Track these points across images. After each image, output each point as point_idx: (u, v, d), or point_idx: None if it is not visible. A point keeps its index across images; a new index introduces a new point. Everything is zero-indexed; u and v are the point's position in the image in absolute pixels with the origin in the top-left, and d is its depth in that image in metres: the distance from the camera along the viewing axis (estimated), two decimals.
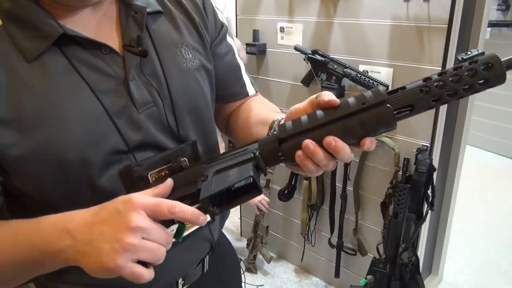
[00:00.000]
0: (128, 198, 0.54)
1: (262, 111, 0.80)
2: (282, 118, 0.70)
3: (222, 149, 2.00)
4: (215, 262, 0.86)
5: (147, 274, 0.53)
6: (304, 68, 1.93)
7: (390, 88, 1.68)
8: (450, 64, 1.57)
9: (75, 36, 0.60)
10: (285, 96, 2.12)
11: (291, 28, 1.99)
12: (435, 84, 0.52)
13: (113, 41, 0.65)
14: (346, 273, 2.16)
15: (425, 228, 1.92)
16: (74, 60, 0.60)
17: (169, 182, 0.61)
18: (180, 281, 0.79)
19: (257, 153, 0.59)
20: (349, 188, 1.99)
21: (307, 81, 1.94)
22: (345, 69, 1.76)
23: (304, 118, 0.57)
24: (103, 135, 0.61)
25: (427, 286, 2.01)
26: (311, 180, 2.11)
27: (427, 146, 1.68)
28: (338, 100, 0.56)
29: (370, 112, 0.54)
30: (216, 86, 0.80)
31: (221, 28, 0.82)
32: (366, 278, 1.83)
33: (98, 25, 0.65)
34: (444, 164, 1.98)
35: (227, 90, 0.85)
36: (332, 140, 0.54)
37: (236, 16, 2.21)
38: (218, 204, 0.59)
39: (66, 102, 0.59)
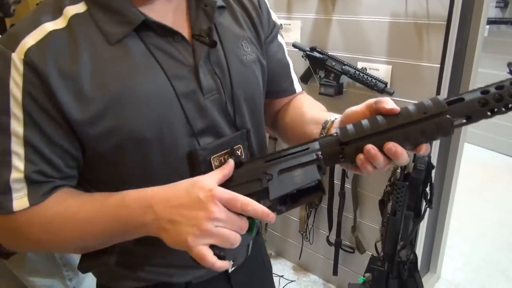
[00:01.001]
0: (209, 188, 0.59)
1: (312, 111, 0.83)
2: (336, 119, 0.74)
3: None
4: (255, 245, 0.92)
5: (218, 262, 0.59)
6: (302, 65, 1.92)
7: (388, 85, 1.68)
8: (449, 62, 1.57)
9: (155, 23, 0.64)
10: None
11: (289, 25, 1.98)
12: (492, 98, 0.55)
13: (184, 30, 0.69)
14: (344, 271, 2.16)
15: (423, 226, 1.92)
16: (150, 45, 0.65)
17: (231, 162, 0.66)
18: (231, 262, 0.83)
19: (320, 155, 0.62)
20: (347, 185, 1.98)
21: (305, 78, 1.93)
22: (343, 66, 1.75)
23: (365, 122, 0.60)
24: (173, 117, 0.66)
25: (425, 284, 2.00)
26: None
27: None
28: (398, 108, 0.59)
29: (430, 122, 0.57)
30: (266, 81, 0.84)
31: (273, 27, 0.86)
32: (364, 276, 1.82)
33: (171, 14, 0.69)
34: (443, 161, 1.97)
35: (277, 87, 0.89)
36: (392, 146, 0.58)
37: None
38: (284, 202, 0.63)
39: (144, 84, 0.63)
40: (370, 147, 0.58)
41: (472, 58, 1.74)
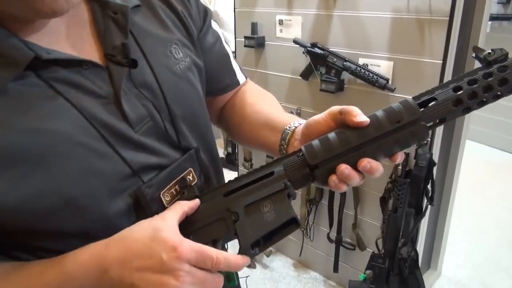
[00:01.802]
0: (173, 246, 0.50)
1: (265, 108, 0.76)
2: (295, 127, 0.66)
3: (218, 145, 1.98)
4: None
5: None
6: (303, 61, 1.91)
7: (390, 82, 1.66)
8: (451, 58, 1.56)
9: (51, 59, 0.50)
10: (284, 89, 2.10)
11: (290, 20, 1.96)
12: (466, 95, 0.52)
13: (91, 51, 0.55)
14: (345, 268, 2.16)
15: (424, 222, 1.91)
16: (53, 82, 0.50)
17: (197, 201, 0.58)
18: None
19: (288, 182, 0.56)
20: None
21: (306, 74, 1.92)
22: (344, 63, 1.74)
23: (333, 139, 0.55)
24: (104, 162, 0.53)
25: (426, 281, 2.00)
26: None
27: (427, 140, 1.66)
28: (368, 120, 0.54)
29: (405, 131, 0.53)
30: (206, 80, 0.73)
31: (205, 15, 0.73)
32: (365, 273, 1.82)
33: (70, 33, 0.54)
34: (444, 158, 1.96)
35: (219, 83, 0.78)
36: (367, 163, 0.53)
37: (235, 8, 2.19)
38: (257, 244, 0.56)
39: (55, 133, 0.50)
40: (344, 168, 0.53)
41: None
